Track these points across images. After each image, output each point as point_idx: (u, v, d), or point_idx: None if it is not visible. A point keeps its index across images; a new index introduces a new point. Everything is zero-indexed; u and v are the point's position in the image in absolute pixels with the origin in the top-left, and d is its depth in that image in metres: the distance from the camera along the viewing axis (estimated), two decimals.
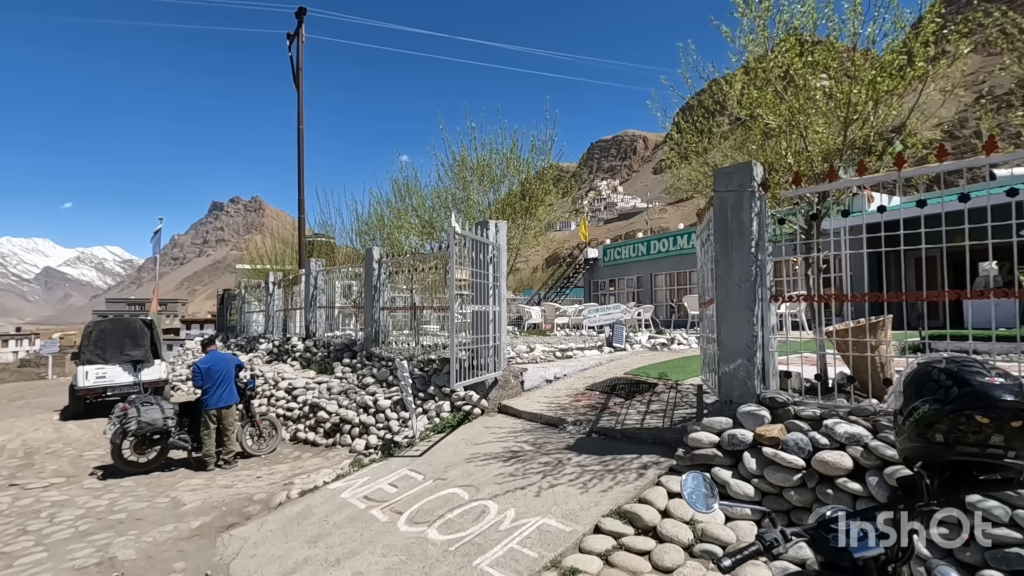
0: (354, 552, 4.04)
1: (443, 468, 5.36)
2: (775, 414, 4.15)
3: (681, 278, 21.73)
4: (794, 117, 4.56)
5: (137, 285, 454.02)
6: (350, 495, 5.19)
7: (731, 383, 4.59)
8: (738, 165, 4.64)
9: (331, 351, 11.00)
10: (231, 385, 7.60)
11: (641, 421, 5.61)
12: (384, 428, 7.49)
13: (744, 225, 4.49)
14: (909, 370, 1.54)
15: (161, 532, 5.00)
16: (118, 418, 6.97)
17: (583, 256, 27.63)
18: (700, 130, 5.81)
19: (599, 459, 4.86)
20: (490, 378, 7.05)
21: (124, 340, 11.51)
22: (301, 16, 15.74)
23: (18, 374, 58.68)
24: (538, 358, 8.98)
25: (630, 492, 4.17)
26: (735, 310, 4.55)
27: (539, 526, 3.91)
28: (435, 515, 4.38)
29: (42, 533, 5.13)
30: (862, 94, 4.22)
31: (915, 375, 1.50)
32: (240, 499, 5.81)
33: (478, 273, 6.82)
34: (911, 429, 1.45)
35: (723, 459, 4.11)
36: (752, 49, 4.65)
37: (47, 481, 6.89)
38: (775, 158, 4.82)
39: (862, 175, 3.88)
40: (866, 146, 4.77)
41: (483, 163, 10.74)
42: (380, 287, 9.94)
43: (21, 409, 12.67)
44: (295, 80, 15.87)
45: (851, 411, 3.85)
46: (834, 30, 4.41)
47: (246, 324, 18.77)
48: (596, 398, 6.73)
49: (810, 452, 3.66)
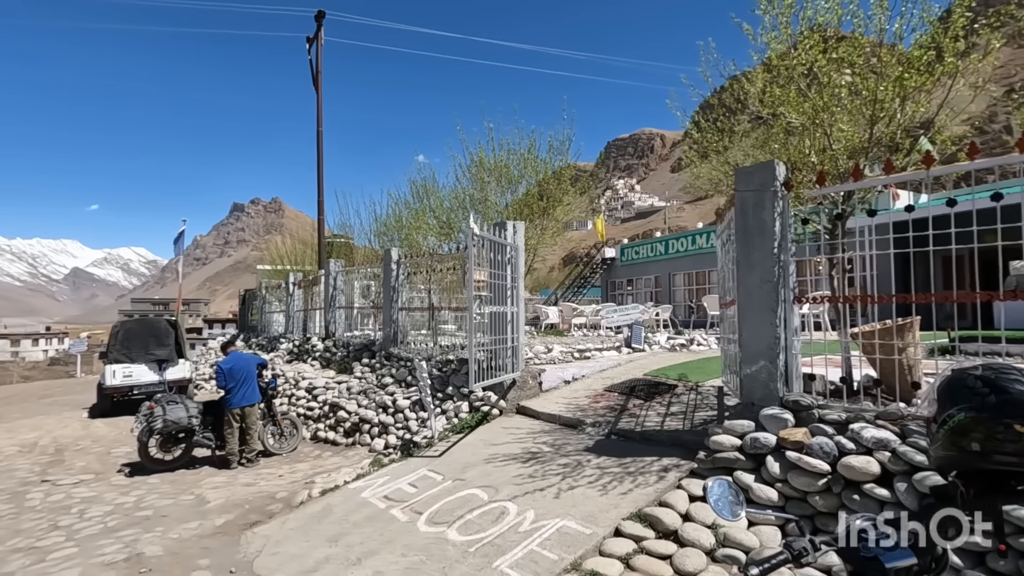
0: (374, 551, 4.07)
1: (462, 468, 5.38)
2: (799, 417, 4.09)
3: (700, 277, 21.50)
4: (818, 115, 4.48)
5: (161, 285, 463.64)
6: (370, 495, 5.23)
7: (753, 385, 4.52)
8: (760, 164, 4.57)
9: (350, 351, 11.11)
10: (253, 384, 7.71)
11: (661, 423, 5.57)
12: (403, 428, 7.54)
13: (766, 225, 4.42)
14: (943, 376, 1.51)
15: (186, 529, 5.09)
16: (145, 416, 7.13)
17: (600, 256, 27.49)
18: (721, 129, 5.74)
19: (618, 461, 4.84)
20: (508, 379, 7.05)
21: (149, 340, 11.76)
22: (320, 19, 15.92)
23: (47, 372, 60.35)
24: (556, 359, 8.96)
25: (650, 495, 4.14)
26: (757, 311, 4.49)
27: (559, 528, 3.90)
28: (454, 516, 4.39)
29: (72, 528, 5.26)
30: (889, 91, 4.12)
31: (950, 382, 1.46)
32: (262, 497, 5.89)
33: (496, 274, 6.83)
34: (946, 437, 1.42)
35: (745, 463, 4.06)
36: (775, 46, 4.57)
37: (77, 477, 7.07)
38: (798, 157, 4.74)
39: (889, 174, 3.80)
40: (892, 143, 4.66)
41: (500, 163, 10.75)
42: (398, 288, 10.01)
43: (50, 407, 13.02)
44: (314, 83, 16.06)
45: (878, 415, 3.77)
46: (859, 26, 4.32)
47: (267, 324, 19.05)
48: (615, 399, 6.70)
49: (835, 457, 3.60)
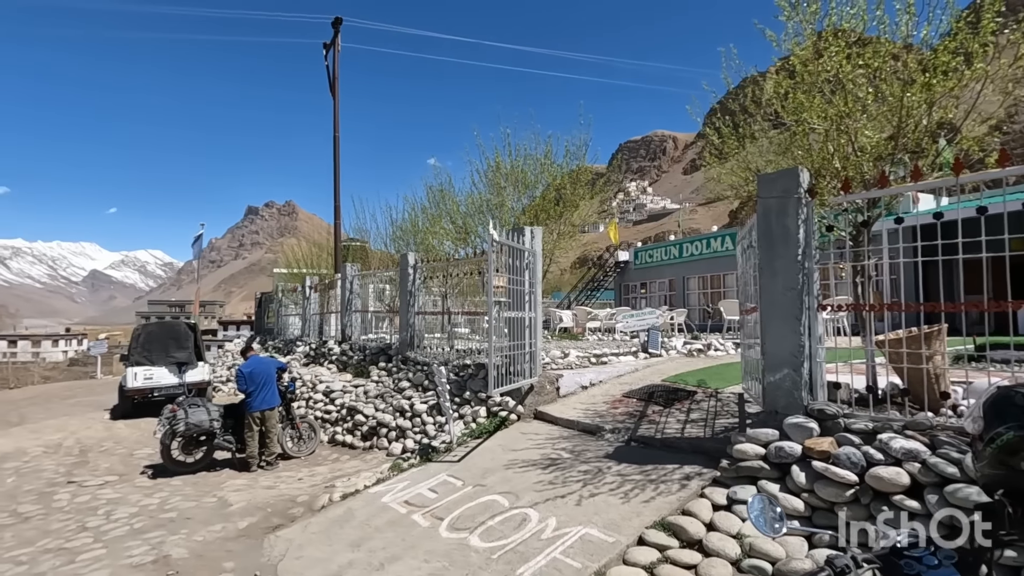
0: (396, 557, 4.09)
1: (481, 474, 5.39)
2: (824, 426, 4.05)
3: (715, 281, 21.35)
4: (842, 121, 4.44)
5: (177, 287, 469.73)
6: (390, 499, 5.26)
7: (776, 393, 4.49)
8: (783, 171, 4.54)
9: (367, 354, 11.18)
10: (273, 388, 7.80)
11: (681, 430, 5.54)
12: (420, 432, 7.57)
13: (789, 232, 4.39)
14: (989, 393, 1.49)
15: (210, 532, 5.16)
16: (167, 419, 7.23)
17: (613, 259, 27.40)
18: (741, 136, 5.70)
19: (639, 468, 4.82)
20: (526, 384, 7.06)
21: (169, 343, 11.94)
22: (337, 26, 16.08)
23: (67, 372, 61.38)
24: (573, 364, 8.94)
25: (673, 503, 4.12)
26: (780, 319, 4.46)
27: (581, 536, 3.89)
28: (476, 522, 4.40)
29: (100, 530, 5.36)
30: (915, 97, 4.07)
31: (996, 399, 1.45)
32: (283, 501, 5.95)
33: (514, 279, 6.84)
34: (993, 456, 1.40)
35: (770, 472, 4.02)
36: (798, 53, 4.54)
37: (102, 479, 7.19)
38: (821, 163, 4.70)
39: (917, 180, 3.76)
40: (918, 149, 4.61)
41: (517, 169, 10.79)
42: (415, 292, 10.07)
43: (73, 407, 13.26)
44: (331, 88, 16.22)
45: (906, 425, 3.72)
46: (885, 32, 4.28)
47: (283, 327, 19.24)
48: (633, 405, 6.67)
49: (863, 467, 3.55)
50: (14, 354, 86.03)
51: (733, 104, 5.53)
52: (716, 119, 5.65)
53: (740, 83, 5.44)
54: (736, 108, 5.60)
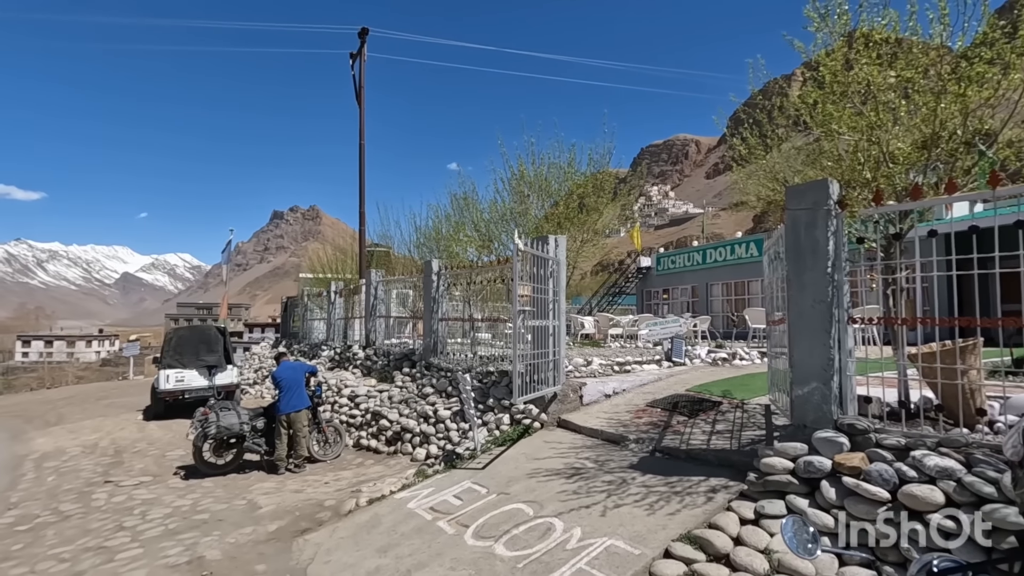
0: (423, 564, 4.15)
1: (506, 482, 5.42)
2: (854, 441, 3.99)
3: (739, 288, 21.06)
4: (873, 132, 4.39)
5: (204, 290, 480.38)
6: (416, 505, 5.33)
7: (805, 407, 4.44)
8: (812, 183, 4.50)
9: (391, 360, 11.32)
10: (300, 391, 7.96)
11: (707, 441, 5.50)
12: (444, 438, 7.64)
13: (819, 244, 4.34)
14: None
15: (241, 534, 5.29)
16: (200, 422, 7.44)
17: (635, 264, 27.22)
18: (769, 146, 5.67)
19: (664, 480, 4.80)
20: (549, 392, 7.08)
21: (200, 346, 12.26)
22: (364, 36, 16.37)
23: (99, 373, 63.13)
24: (596, 372, 8.94)
25: (699, 516, 4.10)
26: (809, 332, 4.41)
27: (607, 547, 3.90)
28: (501, 530, 4.44)
29: (136, 530, 5.54)
30: (949, 108, 4.01)
31: None
32: (311, 504, 6.07)
33: (538, 288, 6.89)
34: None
35: (798, 486, 3.98)
36: (828, 64, 4.50)
37: (136, 479, 7.42)
38: (852, 173, 4.65)
39: (952, 193, 3.70)
40: (952, 159, 4.53)
41: (540, 177, 10.85)
42: (439, 298, 10.17)
43: (108, 408, 13.67)
44: (357, 97, 16.50)
45: (940, 442, 3.65)
46: (918, 44, 4.22)
47: (308, 331, 19.56)
48: (658, 415, 6.65)
49: (896, 484, 3.50)
50: (50, 354, 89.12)
51: (760, 114, 5.49)
52: (744, 128, 5.61)
53: (764, 87, 5.39)
54: (763, 117, 5.56)
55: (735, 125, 5.62)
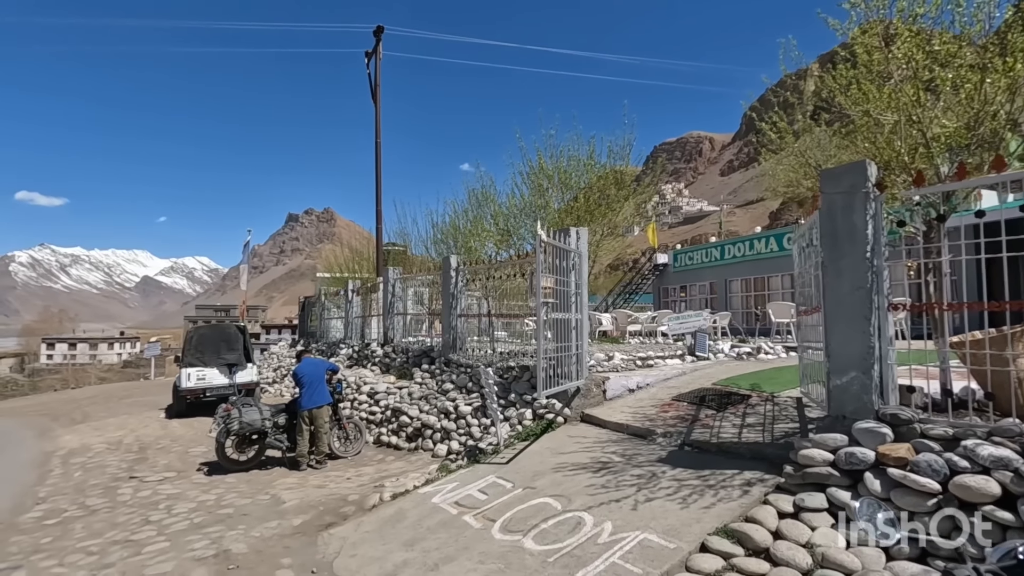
0: (451, 558, 4.08)
1: (531, 476, 5.34)
2: (897, 432, 3.83)
3: (759, 284, 20.74)
4: (913, 111, 4.22)
5: (222, 292, 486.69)
6: (440, 500, 5.26)
7: (843, 397, 4.29)
8: (848, 165, 4.35)
9: (409, 356, 11.29)
10: (320, 387, 7.94)
11: (738, 435, 5.36)
12: (465, 434, 7.57)
13: (856, 229, 4.19)
14: None
15: (266, 528, 5.26)
16: (222, 418, 7.45)
17: (651, 262, 26.96)
18: (796, 133, 5.50)
19: (696, 473, 4.68)
20: (572, 387, 6.98)
21: (220, 345, 12.33)
22: (379, 34, 16.38)
23: (121, 374, 64.30)
24: (618, 366, 8.81)
25: (735, 510, 3.98)
26: (846, 320, 4.26)
27: (640, 541, 3.79)
28: (529, 524, 4.35)
29: (162, 524, 5.54)
30: (997, 84, 3.83)
31: None
32: (334, 499, 6.03)
33: (560, 280, 6.78)
34: None
35: (840, 479, 3.83)
36: (864, 41, 4.34)
37: (161, 475, 7.46)
38: (890, 155, 4.48)
39: (1000, 171, 3.53)
40: (995, 139, 4.35)
41: (560, 169, 10.75)
42: (457, 294, 10.11)
43: (131, 407, 13.84)
44: (373, 96, 16.53)
45: (991, 431, 3.49)
46: (962, 16, 4.04)
47: (326, 330, 19.64)
48: (684, 409, 6.51)
49: (946, 475, 3.35)
50: (73, 356, 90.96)
51: (794, 98, 5.32)
52: (772, 112, 5.45)
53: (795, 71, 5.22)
54: (795, 101, 5.40)
55: (764, 108, 5.46)
